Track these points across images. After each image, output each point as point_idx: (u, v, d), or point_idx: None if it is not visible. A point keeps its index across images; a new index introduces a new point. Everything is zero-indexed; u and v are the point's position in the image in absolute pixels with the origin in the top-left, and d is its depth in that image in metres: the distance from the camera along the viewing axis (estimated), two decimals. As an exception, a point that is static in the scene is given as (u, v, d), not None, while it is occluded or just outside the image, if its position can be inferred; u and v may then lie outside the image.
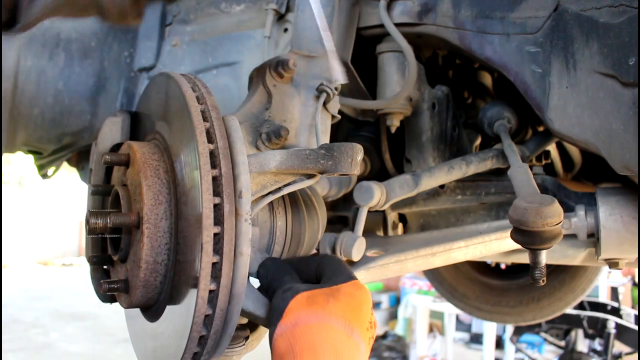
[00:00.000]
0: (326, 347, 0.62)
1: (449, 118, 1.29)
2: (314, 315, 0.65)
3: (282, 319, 0.65)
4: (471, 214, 1.34)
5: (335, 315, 0.65)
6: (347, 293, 0.69)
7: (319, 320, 0.64)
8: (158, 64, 1.56)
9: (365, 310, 0.69)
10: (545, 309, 2.18)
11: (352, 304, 0.68)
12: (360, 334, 0.66)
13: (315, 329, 0.63)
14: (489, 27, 1.04)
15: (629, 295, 6.60)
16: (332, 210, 1.44)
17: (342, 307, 0.67)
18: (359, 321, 0.67)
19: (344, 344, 0.63)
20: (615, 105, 0.84)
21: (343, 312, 0.66)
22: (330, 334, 0.63)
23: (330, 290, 0.69)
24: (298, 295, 0.67)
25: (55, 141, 1.56)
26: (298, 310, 0.65)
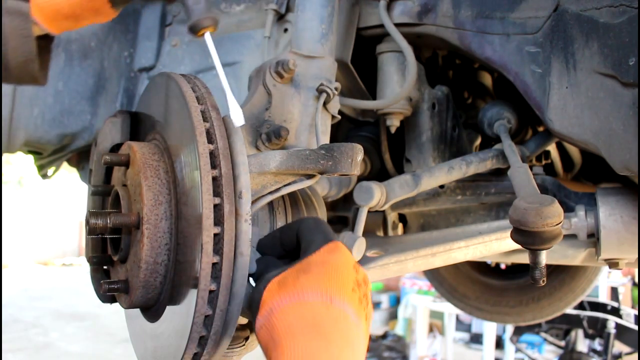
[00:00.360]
0: (304, 325, 0.58)
1: (449, 118, 1.29)
2: (286, 297, 0.61)
3: (259, 312, 0.63)
4: (471, 214, 1.34)
5: (308, 289, 0.61)
6: (318, 262, 0.65)
7: (291, 301, 0.61)
8: (158, 64, 1.56)
9: (345, 272, 0.64)
10: (545, 309, 2.18)
11: (326, 271, 0.64)
12: (343, 298, 0.62)
13: (289, 311, 0.60)
14: (489, 27, 1.04)
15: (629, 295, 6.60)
16: (332, 210, 1.44)
17: (314, 278, 0.63)
18: (337, 286, 0.63)
19: (324, 315, 0.60)
20: (615, 105, 0.84)
21: (317, 283, 0.62)
22: (305, 310, 0.60)
23: (300, 266, 0.65)
24: (269, 283, 0.64)
25: (55, 141, 1.56)
26: (271, 298, 0.62)
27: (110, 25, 1.56)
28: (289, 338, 0.57)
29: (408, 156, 1.29)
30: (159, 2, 1.60)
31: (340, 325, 0.60)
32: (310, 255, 0.66)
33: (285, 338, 0.57)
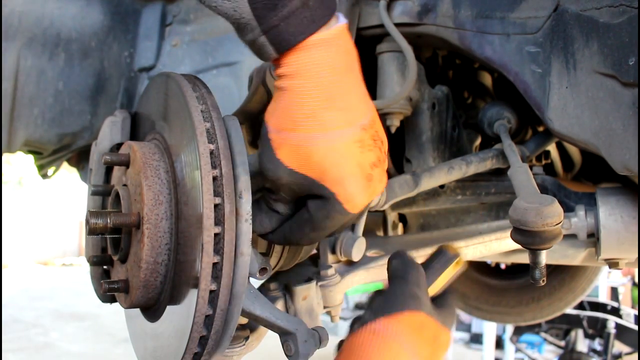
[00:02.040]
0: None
1: (449, 118, 1.29)
2: (408, 344, 0.65)
3: (385, 317, 0.67)
4: (471, 214, 1.34)
5: (420, 355, 0.66)
6: (441, 339, 0.70)
7: (406, 351, 0.65)
8: (158, 64, 1.56)
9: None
10: (545, 309, 2.18)
11: (436, 352, 0.69)
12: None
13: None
14: (489, 27, 1.04)
15: (628, 295, 6.60)
16: (332, 210, 1.44)
17: (430, 350, 0.67)
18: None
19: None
20: (615, 105, 0.84)
21: (427, 355, 0.67)
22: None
23: (433, 327, 0.70)
24: (413, 311, 0.68)
25: (55, 141, 1.56)
26: (400, 325, 0.66)
27: (110, 25, 1.56)
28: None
29: (408, 156, 1.29)
30: (159, 2, 1.60)
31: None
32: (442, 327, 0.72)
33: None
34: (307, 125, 0.63)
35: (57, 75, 1.50)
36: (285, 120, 0.64)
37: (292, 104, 0.63)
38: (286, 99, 0.64)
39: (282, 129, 0.64)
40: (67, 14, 1.49)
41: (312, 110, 0.63)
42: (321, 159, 0.64)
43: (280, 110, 0.64)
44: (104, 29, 1.55)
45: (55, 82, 1.50)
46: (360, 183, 0.66)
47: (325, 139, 0.63)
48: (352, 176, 0.65)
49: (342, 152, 0.64)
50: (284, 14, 0.60)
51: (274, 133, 0.65)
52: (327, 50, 0.63)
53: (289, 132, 0.64)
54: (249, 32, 0.63)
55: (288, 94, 0.63)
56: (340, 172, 0.65)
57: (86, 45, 1.53)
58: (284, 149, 0.65)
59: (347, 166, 0.65)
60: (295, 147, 0.64)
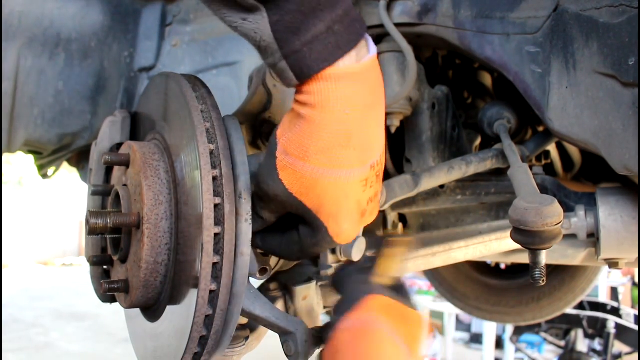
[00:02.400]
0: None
1: (449, 118, 1.29)
2: (387, 326, 0.65)
3: (353, 310, 0.66)
4: (471, 214, 1.34)
5: (401, 335, 0.65)
6: (414, 319, 0.70)
7: (389, 333, 0.64)
8: (158, 64, 1.56)
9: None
10: (545, 309, 2.18)
11: (414, 332, 0.68)
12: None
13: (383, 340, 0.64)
14: (489, 27, 1.04)
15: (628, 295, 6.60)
16: (332, 210, 1.44)
17: (409, 331, 0.67)
18: (413, 348, 0.67)
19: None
20: (615, 105, 0.84)
21: (408, 336, 0.67)
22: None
23: (402, 309, 0.70)
24: (376, 296, 0.68)
25: (55, 141, 1.56)
26: (373, 310, 0.66)
27: (110, 25, 1.56)
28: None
29: (408, 156, 1.29)
30: (159, 2, 1.60)
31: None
32: (411, 308, 0.72)
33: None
34: (319, 159, 0.61)
35: (57, 75, 1.50)
36: (297, 147, 0.61)
37: (308, 134, 0.60)
38: (302, 127, 0.61)
39: (292, 154, 0.62)
40: (67, 14, 1.49)
41: (327, 145, 0.60)
42: (323, 193, 0.62)
43: (295, 136, 0.61)
44: (104, 29, 1.55)
45: (55, 82, 1.50)
46: (354, 219, 0.66)
47: (333, 176, 0.61)
48: (348, 213, 0.64)
49: (345, 190, 0.63)
50: (308, 38, 0.56)
51: (282, 154, 0.62)
52: (353, 85, 0.59)
53: (297, 160, 0.61)
54: (270, 56, 0.59)
55: (306, 123, 0.60)
56: (338, 208, 0.63)
57: (86, 45, 1.53)
58: (288, 173, 0.62)
59: (346, 204, 0.64)
60: (300, 176, 0.62)
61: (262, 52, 0.61)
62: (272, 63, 0.59)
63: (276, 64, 0.59)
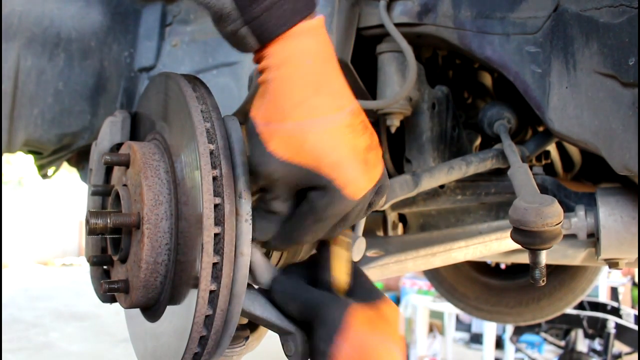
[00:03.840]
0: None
1: (449, 118, 1.29)
2: (378, 338, 0.64)
3: (341, 335, 0.63)
4: (471, 214, 1.34)
5: (393, 340, 0.65)
6: (391, 312, 0.69)
7: (384, 345, 0.64)
8: (158, 64, 1.56)
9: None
10: (545, 309, 2.18)
11: (397, 326, 0.68)
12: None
13: (384, 355, 0.63)
14: (489, 27, 1.04)
15: (628, 295, 6.60)
16: (332, 210, 1.44)
17: (393, 330, 0.66)
18: (403, 343, 0.67)
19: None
20: (615, 105, 0.84)
21: (395, 336, 0.66)
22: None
23: (377, 309, 0.68)
24: (353, 310, 0.65)
25: (55, 141, 1.56)
26: (360, 328, 0.64)
27: (110, 25, 1.56)
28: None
29: (408, 156, 1.29)
30: (159, 2, 1.60)
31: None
32: (378, 300, 0.69)
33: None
34: (297, 113, 0.62)
35: (57, 75, 1.50)
36: (273, 111, 0.63)
37: (280, 93, 0.62)
38: (273, 90, 0.63)
39: (271, 120, 0.63)
40: (67, 14, 1.49)
41: (301, 97, 0.62)
42: (314, 145, 0.62)
43: (268, 102, 0.63)
44: (104, 29, 1.55)
45: (55, 82, 1.50)
46: (358, 166, 0.65)
47: (317, 125, 0.63)
48: (348, 159, 0.64)
49: (335, 136, 0.63)
50: (267, 4, 0.61)
51: (263, 126, 0.63)
52: (312, 39, 0.64)
53: (278, 123, 0.62)
54: (231, 23, 0.63)
55: (275, 84, 0.63)
56: (336, 156, 0.63)
57: (86, 45, 1.53)
58: (274, 141, 0.63)
59: (341, 150, 0.63)
60: (286, 137, 0.62)
61: (221, 21, 0.64)
62: (233, 30, 0.63)
63: (237, 31, 0.63)
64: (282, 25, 0.62)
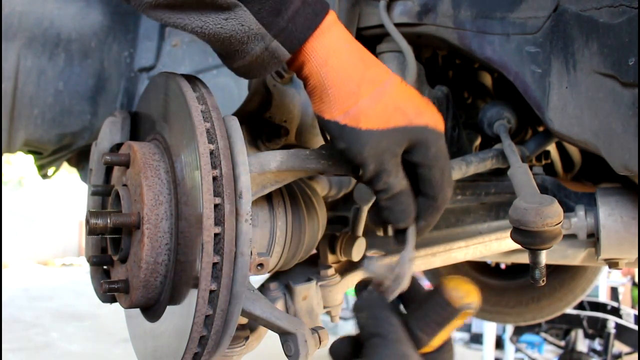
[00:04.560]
0: None
1: (449, 118, 1.29)
2: None
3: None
4: (471, 214, 1.34)
5: None
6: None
7: None
8: (158, 64, 1.56)
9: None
10: (545, 309, 2.18)
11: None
12: None
13: None
14: (489, 27, 1.04)
15: (628, 295, 6.60)
16: (332, 210, 1.44)
17: None
18: None
19: None
20: (615, 105, 0.84)
21: None
22: None
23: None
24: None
25: (55, 141, 1.56)
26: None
27: (110, 25, 1.56)
28: None
29: (408, 156, 1.29)
30: (159, 2, 1.60)
31: None
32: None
33: None
34: (364, 89, 0.67)
35: (57, 75, 1.50)
36: (345, 98, 0.67)
37: (341, 81, 0.67)
38: (332, 82, 0.67)
39: (348, 107, 0.67)
40: (67, 14, 1.49)
41: (359, 76, 0.68)
42: (396, 106, 0.68)
43: (333, 95, 0.67)
44: (104, 29, 1.55)
45: (55, 82, 1.50)
46: (432, 108, 0.72)
47: (385, 91, 0.68)
48: (423, 105, 0.71)
49: (402, 93, 0.70)
50: (289, 15, 0.64)
51: (343, 116, 0.67)
52: (336, 29, 0.69)
53: (355, 105, 0.67)
54: (258, 43, 0.65)
55: (331, 76, 0.67)
56: (414, 107, 0.70)
57: (86, 45, 1.53)
58: (362, 120, 0.67)
59: (414, 101, 0.71)
60: (370, 111, 0.67)
61: (246, 45, 0.66)
62: (263, 48, 0.66)
63: (267, 47, 0.66)
64: (308, 29, 0.66)
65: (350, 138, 0.67)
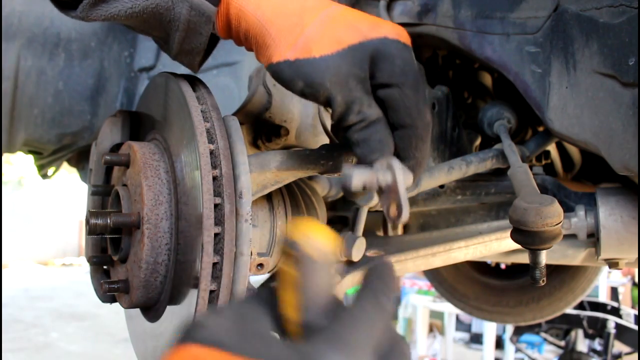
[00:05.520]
0: None
1: (449, 118, 1.29)
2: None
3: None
4: (471, 214, 1.34)
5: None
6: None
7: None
8: (158, 64, 1.56)
9: None
10: (545, 309, 2.18)
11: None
12: None
13: None
14: (489, 27, 1.04)
15: (628, 295, 6.60)
16: (332, 210, 1.44)
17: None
18: None
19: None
20: (615, 105, 0.84)
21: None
22: None
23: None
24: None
25: (55, 141, 1.56)
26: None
27: (110, 25, 1.56)
28: None
29: (408, 156, 1.29)
30: (159, 2, 1.60)
31: None
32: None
33: None
34: (307, 17, 0.63)
35: (57, 75, 1.50)
36: (288, 33, 0.63)
37: (280, 18, 0.63)
38: (270, 23, 0.63)
39: (295, 40, 0.62)
40: (67, 14, 1.49)
41: (299, 5, 0.64)
42: (347, 26, 0.64)
43: (275, 35, 0.63)
44: (104, 28, 1.55)
45: (55, 82, 1.50)
46: (389, 22, 0.70)
47: (333, 11, 0.64)
48: (377, 19, 0.68)
49: (353, 11, 0.67)
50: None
51: (293, 51, 0.62)
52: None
53: (302, 34, 0.62)
54: (182, 4, 0.64)
55: (267, 16, 0.64)
56: (368, 20, 0.66)
57: (86, 45, 1.53)
58: (314, 46, 0.62)
59: (366, 16, 0.68)
60: (320, 37, 0.62)
61: (173, 9, 0.64)
62: (188, 7, 0.64)
63: (192, 5, 0.64)
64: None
65: (307, 70, 0.61)
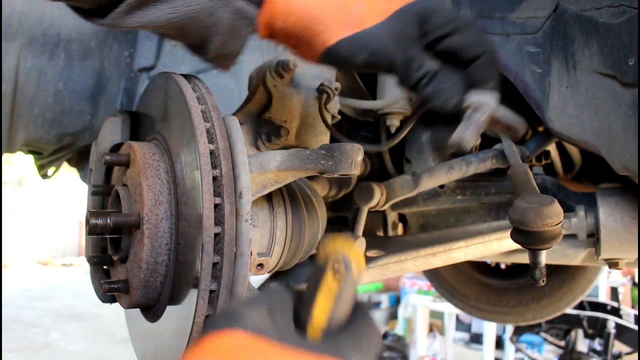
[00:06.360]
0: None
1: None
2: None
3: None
4: (471, 214, 1.34)
5: None
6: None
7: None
8: (158, 64, 1.56)
9: None
10: (545, 309, 2.18)
11: None
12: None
13: None
14: (489, 27, 1.04)
15: (628, 295, 6.60)
16: (332, 210, 1.44)
17: None
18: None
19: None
20: (615, 105, 0.84)
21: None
22: None
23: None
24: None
25: (55, 141, 1.56)
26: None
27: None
28: None
29: (408, 156, 1.29)
30: (159, 2, 1.59)
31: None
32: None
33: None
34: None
35: (57, 75, 1.50)
36: (338, 15, 0.67)
37: (327, 4, 0.67)
38: (319, 11, 0.67)
39: (346, 19, 0.67)
40: (67, 14, 1.49)
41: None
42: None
43: (328, 19, 0.67)
44: (104, 29, 1.55)
45: (55, 82, 1.50)
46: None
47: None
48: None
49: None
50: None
51: (348, 28, 0.67)
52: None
53: (352, 12, 0.67)
54: (224, 9, 0.66)
55: (315, 5, 0.67)
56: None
57: (86, 45, 1.53)
58: (366, 18, 0.67)
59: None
60: (368, 7, 0.67)
61: (214, 14, 0.66)
62: (230, 11, 0.67)
63: (235, 9, 0.67)
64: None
65: (365, 41, 0.66)
